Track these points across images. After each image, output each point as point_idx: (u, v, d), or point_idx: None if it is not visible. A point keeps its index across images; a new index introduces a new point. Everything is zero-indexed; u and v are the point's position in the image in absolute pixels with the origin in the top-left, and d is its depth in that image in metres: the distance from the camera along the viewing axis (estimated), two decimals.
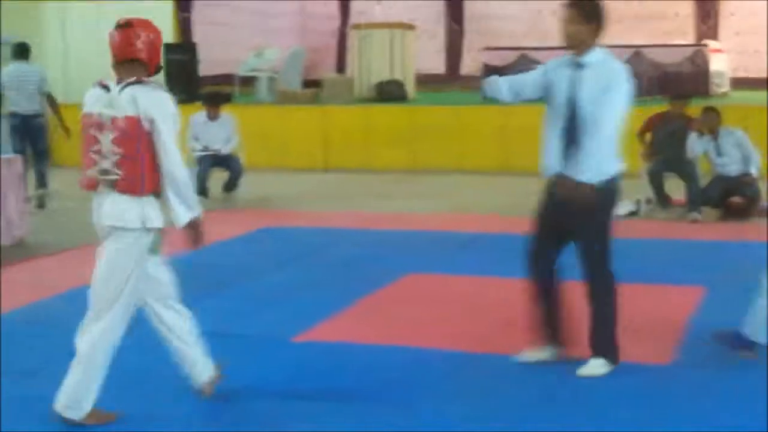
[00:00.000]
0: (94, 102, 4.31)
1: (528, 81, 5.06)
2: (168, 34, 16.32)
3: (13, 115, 11.39)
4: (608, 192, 4.93)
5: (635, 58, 15.53)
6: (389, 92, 15.54)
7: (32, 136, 11.44)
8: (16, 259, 8.24)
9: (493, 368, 5.18)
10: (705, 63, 15.47)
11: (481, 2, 18.97)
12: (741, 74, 17.39)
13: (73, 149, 15.64)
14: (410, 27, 16.60)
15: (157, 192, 4.29)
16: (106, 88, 4.31)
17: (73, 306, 6.53)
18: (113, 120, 4.22)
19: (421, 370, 5.16)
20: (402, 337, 5.72)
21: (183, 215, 4.32)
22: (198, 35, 16.63)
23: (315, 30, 19.31)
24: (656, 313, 6.25)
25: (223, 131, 11.52)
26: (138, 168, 4.23)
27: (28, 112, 11.39)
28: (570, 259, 5.17)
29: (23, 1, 16.39)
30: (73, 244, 8.97)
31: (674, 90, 12.69)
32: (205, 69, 16.20)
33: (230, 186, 11.53)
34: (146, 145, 4.23)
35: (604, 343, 5.04)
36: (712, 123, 9.77)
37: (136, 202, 4.27)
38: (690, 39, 17.79)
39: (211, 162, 11.31)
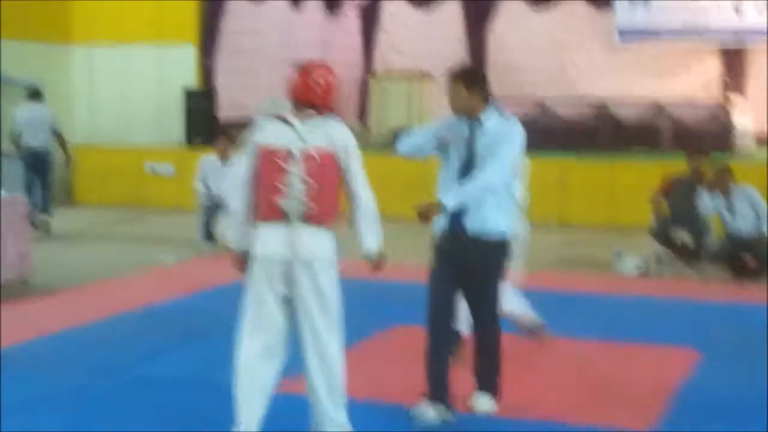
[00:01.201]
0: (275, 135, 4.41)
1: (427, 137, 5.21)
2: (190, 77, 16.51)
3: (27, 150, 12.65)
4: (497, 249, 5.09)
5: (657, 112, 15.43)
6: None
7: (42, 169, 12.71)
8: (14, 298, 8.22)
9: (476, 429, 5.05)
10: (729, 120, 15.28)
11: (505, 52, 18.95)
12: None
13: (92, 188, 15.98)
14: (428, 76, 16.62)
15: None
16: (286, 122, 4.41)
17: (60, 348, 6.55)
18: (306, 153, 4.34)
19: (399, 428, 5.01)
20: (385, 392, 5.58)
21: (375, 244, 4.52)
22: (219, 80, 16.73)
23: (338, 78, 19.34)
24: (645, 376, 6.08)
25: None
26: (331, 200, 4.40)
27: (39, 148, 12.67)
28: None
29: (52, 43, 16.61)
30: (75, 283, 8.98)
31: (696, 146, 12.57)
32: (224, 113, 16.28)
33: None
34: (337, 178, 4.41)
35: (493, 383, 5.26)
36: (723, 180, 9.61)
37: (329, 234, 4.41)
38: (715, 95, 17.62)
39: (215, 209, 11.06)
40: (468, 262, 5.04)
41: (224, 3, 16.85)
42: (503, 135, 5.00)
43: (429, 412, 5.04)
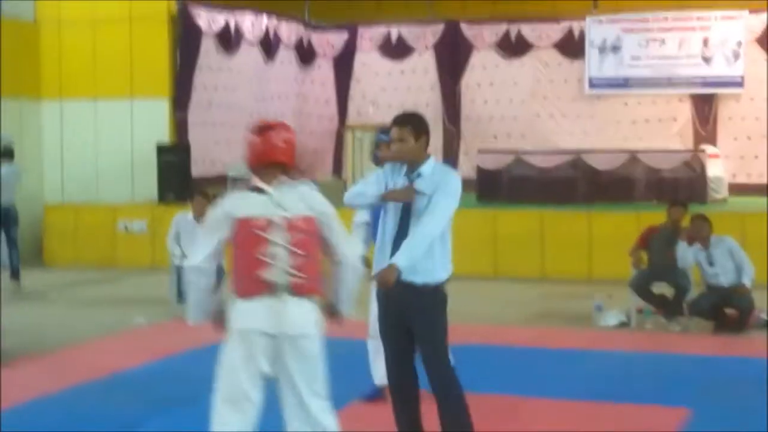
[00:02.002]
0: (249, 204, 4.23)
1: (369, 188, 5.16)
2: (162, 132, 16.34)
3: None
4: (437, 295, 5.07)
5: (631, 162, 15.42)
6: None
7: (10, 227, 12.93)
8: None
9: None
10: (702, 168, 15.30)
11: (479, 104, 18.98)
12: (740, 180, 17.23)
13: (62, 248, 15.68)
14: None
15: None
16: (259, 190, 4.24)
17: (21, 422, 6.28)
18: (288, 222, 4.18)
19: None
20: None
21: (350, 307, 4.44)
22: (193, 135, 16.57)
23: (313, 132, 19.30)
24: None
25: None
26: (317, 268, 4.25)
27: (8, 206, 12.87)
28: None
29: (22, 99, 16.42)
30: (43, 349, 8.71)
31: (671, 195, 12.55)
32: (198, 169, 16.11)
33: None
34: (319, 245, 4.27)
35: None
36: (702, 232, 9.52)
37: (314, 305, 4.26)
38: (688, 143, 17.69)
39: None
40: (407, 312, 4.97)
41: (197, 57, 16.75)
42: (441, 185, 4.98)
43: None
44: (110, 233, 15.59)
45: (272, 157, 4.26)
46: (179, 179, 15.49)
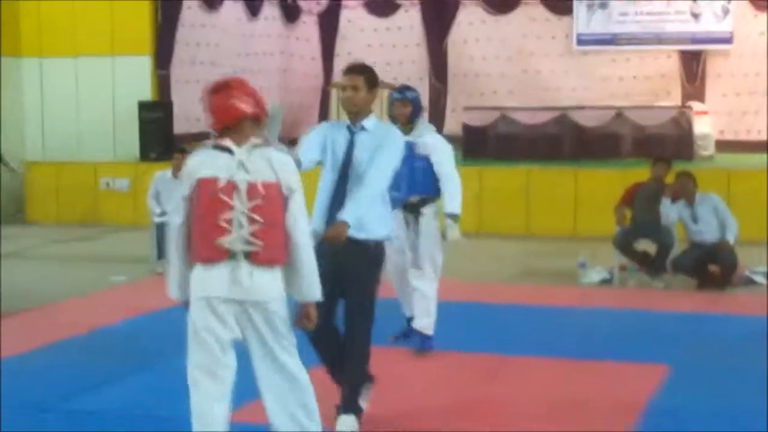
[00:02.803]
0: (214, 166, 3.98)
1: (312, 144, 5.09)
2: (144, 90, 16.13)
3: None
4: (374, 252, 5.05)
5: (618, 119, 15.32)
6: None
7: None
8: None
9: None
10: (689, 125, 15.20)
11: (465, 61, 18.80)
12: (728, 137, 17.13)
13: (45, 206, 15.53)
14: (390, 86, 16.33)
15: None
16: (225, 150, 4.00)
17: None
18: (251, 186, 3.95)
19: None
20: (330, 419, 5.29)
21: (315, 290, 4.15)
22: (175, 92, 16.38)
23: (299, 89, 19.11)
24: (612, 394, 5.87)
25: None
26: (279, 236, 4.00)
27: None
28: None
29: (2, 55, 16.18)
30: (21, 307, 8.62)
31: (657, 152, 12.45)
32: (181, 127, 15.93)
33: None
34: (283, 213, 4.02)
35: (355, 401, 5.10)
36: (686, 188, 9.43)
37: (275, 273, 4.03)
38: (675, 100, 17.57)
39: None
40: (343, 264, 4.90)
41: (179, 13, 16.51)
42: (383, 141, 4.94)
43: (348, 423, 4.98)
44: (92, 191, 15.46)
45: (237, 113, 4.02)
46: (161, 137, 15.33)
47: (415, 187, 6.66)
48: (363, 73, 5.00)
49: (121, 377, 6.22)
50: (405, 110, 6.72)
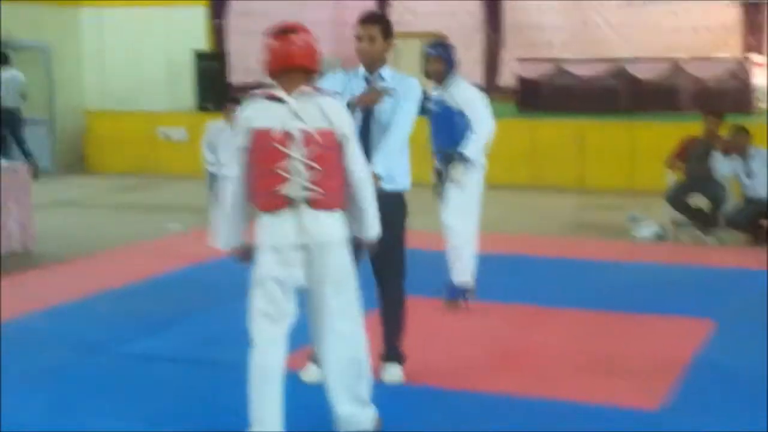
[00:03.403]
0: (268, 116, 4.02)
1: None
2: (200, 40, 16.27)
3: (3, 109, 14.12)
4: (403, 202, 5.10)
5: (675, 71, 15.09)
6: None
7: (14, 127, 14.39)
8: (15, 269, 8.13)
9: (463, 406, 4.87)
10: (748, 77, 14.91)
11: (521, 12, 18.58)
12: None
13: (103, 155, 15.83)
14: (443, 37, 16.26)
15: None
16: (277, 99, 4.04)
17: (55, 323, 6.43)
18: (306, 134, 4.00)
19: (396, 405, 4.83)
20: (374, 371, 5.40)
21: (374, 228, 4.26)
22: (231, 43, 16.49)
23: (351, 39, 19.07)
24: (656, 348, 5.88)
25: None
26: (337, 182, 4.08)
27: (11, 108, 14.30)
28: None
29: (61, 5, 16.42)
30: (79, 254, 8.87)
31: (714, 106, 12.27)
32: (237, 77, 16.07)
33: None
34: (340, 159, 4.08)
35: (399, 350, 5.22)
36: (740, 142, 9.32)
37: (337, 217, 4.12)
38: (735, 52, 17.20)
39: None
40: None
41: None
42: (404, 90, 4.91)
43: (312, 370, 5.01)
44: (150, 140, 15.70)
45: (291, 61, 4.04)
46: (217, 87, 15.48)
47: (455, 143, 6.61)
48: (379, 22, 4.94)
49: (176, 323, 6.40)
50: (438, 66, 6.67)
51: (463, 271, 6.75)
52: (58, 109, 15.90)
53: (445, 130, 6.61)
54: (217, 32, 16.42)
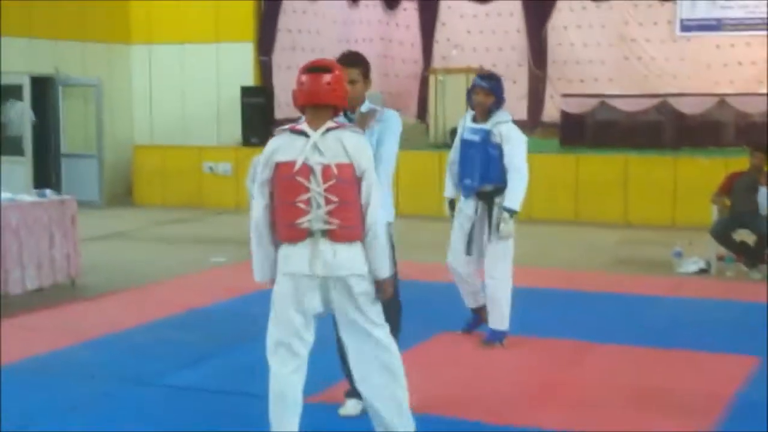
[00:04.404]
0: (291, 149, 4.14)
1: None
2: (248, 76, 16.50)
3: None
4: (388, 234, 4.87)
5: (720, 106, 15.01)
6: None
7: None
8: (60, 300, 8.26)
9: None
10: None
11: (565, 47, 18.62)
12: None
13: (151, 189, 16.04)
14: (492, 71, 16.34)
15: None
16: (301, 133, 4.16)
17: (96, 354, 6.51)
18: (325, 167, 4.10)
19: None
20: (417, 405, 5.37)
21: (385, 268, 4.23)
22: (277, 78, 16.71)
23: (398, 75, 19.25)
24: (699, 385, 5.83)
25: None
26: (355, 214, 4.15)
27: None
28: None
29: (112, 43, 16.77)
30: (124, 286, 8.98)
31: (760, 141, 12.16)
32: (282, 112, 16.25)
33: None
34: (358, 192, 4.16)
35: None
36: None
37: (356, 249, 4.17)
38: None
39: None
40: None
41: (281, 1, 16.81)
42: (386, 125, 4.86)
43: (351, 405, 5.01)
44: (196, 175, 15.91)
45: (317, 99, 4.15)
46: (263, 122, 15.66)
47: (489, 177, 6.54)
48: (358, 65, 4.85)
49: (217, 355, 6.46)
50: (487, 99, 6.57)
51: (502, 319, 6.67)
52: (107, 144, 16.18)
53: (482, 162, 6.55)
54: (264, 68, 16.65)
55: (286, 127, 4.24)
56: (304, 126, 4.18)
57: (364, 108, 4.96)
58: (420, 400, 5.18)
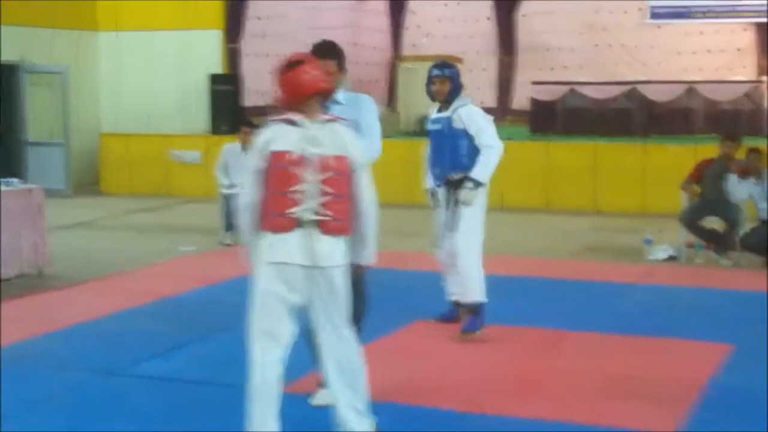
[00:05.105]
0: (286, 139, 4.13)
1: None
2: (215, 64, 16.36)
3: None
4: None
5: (689, 94, 15.09)
6: None
7: None
8: (28, 290, 8.14)
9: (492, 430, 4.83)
10: (762, 99, 14.89)
11: (535, 35, 18.64)
12: None
13: (117, 177, 15.87)
14: (457, 60, 16.31)
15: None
16: (296, 124, 4.16)
17: (67, 344, 6.42)
18: (322, 159, 4.11)
19: (405, 428, 4.81)
20: (390, 393, 5.36)
21: (372, 255, 4.37)
22: (245, 66, 16.58)
23: (367, 62, 19.17)
24: (673, 373, 5.83)
25: None
26: (347, 207, 4.18)
27: None
28: None
29: (77, 30, 16.55)
30: (92, 275, 8.88)
31: (729, 128, 12.25)
32: (251, 100, 16.15)
33: None
34: (351, 185, 4.19)
35: None
36: (754, 165, 9.28)
37: (341, 242, 4.21)
38: (750, 75, 17.19)
39: (237, 198, 11.03)
40: None
41: None
42: (363, 106, 4.96)
43: (322, 396, 4.92)
44: (164, 163, 15.76)
45: (305, 91, 4.16)
46: (231, 110, 15.55)
47: (456, 164, 6.53)
48: (334, 56, 4.86)
49: (188, 344, 6.39)
50: (443, 87, 6.57)
51: (476, 290, 6.63)
52: (73, 132, 15.98)
53: (449, 150, 6.53)
54: (232, 55, 16.51)
55: (278, 117, 4.21)
56: (298, 116, 4.18)
57: (339, 96, 4.93)
58: (392, 388, 5.17)
